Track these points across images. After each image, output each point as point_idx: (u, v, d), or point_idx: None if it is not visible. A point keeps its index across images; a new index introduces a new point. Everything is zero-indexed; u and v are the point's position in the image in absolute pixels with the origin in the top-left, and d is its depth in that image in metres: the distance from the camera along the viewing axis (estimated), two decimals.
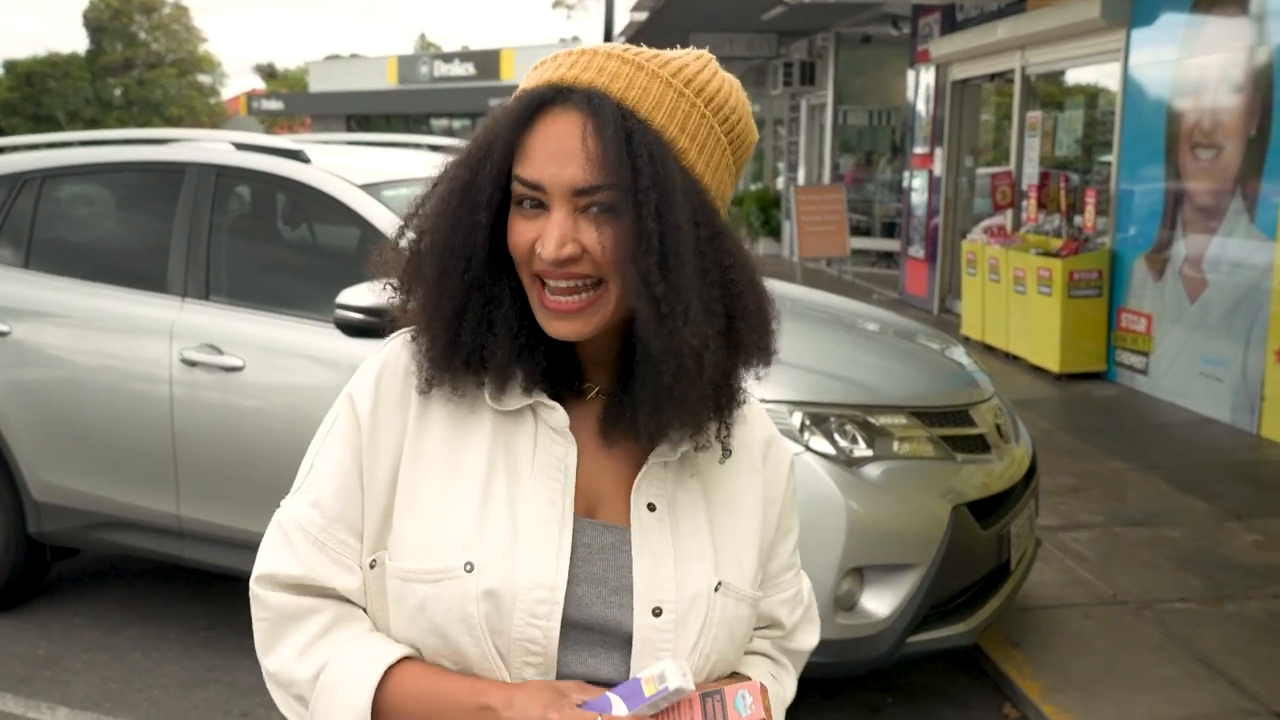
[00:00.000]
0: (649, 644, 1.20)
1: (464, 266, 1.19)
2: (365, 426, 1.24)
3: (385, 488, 1.23)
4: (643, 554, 1.22)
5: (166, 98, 57.10)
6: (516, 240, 1.18)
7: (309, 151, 4.27)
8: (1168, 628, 4.31)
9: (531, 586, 1.17)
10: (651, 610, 1.20)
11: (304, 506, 1.26)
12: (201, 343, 4.03)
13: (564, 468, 1.23)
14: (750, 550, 1.30)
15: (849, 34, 15.78)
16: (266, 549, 1.27)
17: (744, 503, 1.32)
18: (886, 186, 16.60)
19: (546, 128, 1.16)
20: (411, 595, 1.19)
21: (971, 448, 3.78)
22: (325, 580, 1.23)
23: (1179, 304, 7.95)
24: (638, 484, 1.24)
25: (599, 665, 1.21)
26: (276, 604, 1.24)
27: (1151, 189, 8.34)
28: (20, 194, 4.60)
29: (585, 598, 1.20)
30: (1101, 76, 9.69)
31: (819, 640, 1.51)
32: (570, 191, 1.15)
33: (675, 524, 1.25)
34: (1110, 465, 6.45)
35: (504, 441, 1.23)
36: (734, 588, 1.26)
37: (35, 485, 4.36)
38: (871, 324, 4.74)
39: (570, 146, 1.14)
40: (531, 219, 1.17)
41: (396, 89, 40.54)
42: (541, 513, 1.20)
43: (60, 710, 3.89)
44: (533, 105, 1.17)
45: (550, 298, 1.18)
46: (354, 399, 1.26)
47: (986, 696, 4.02)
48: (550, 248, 1.14)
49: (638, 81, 1.18)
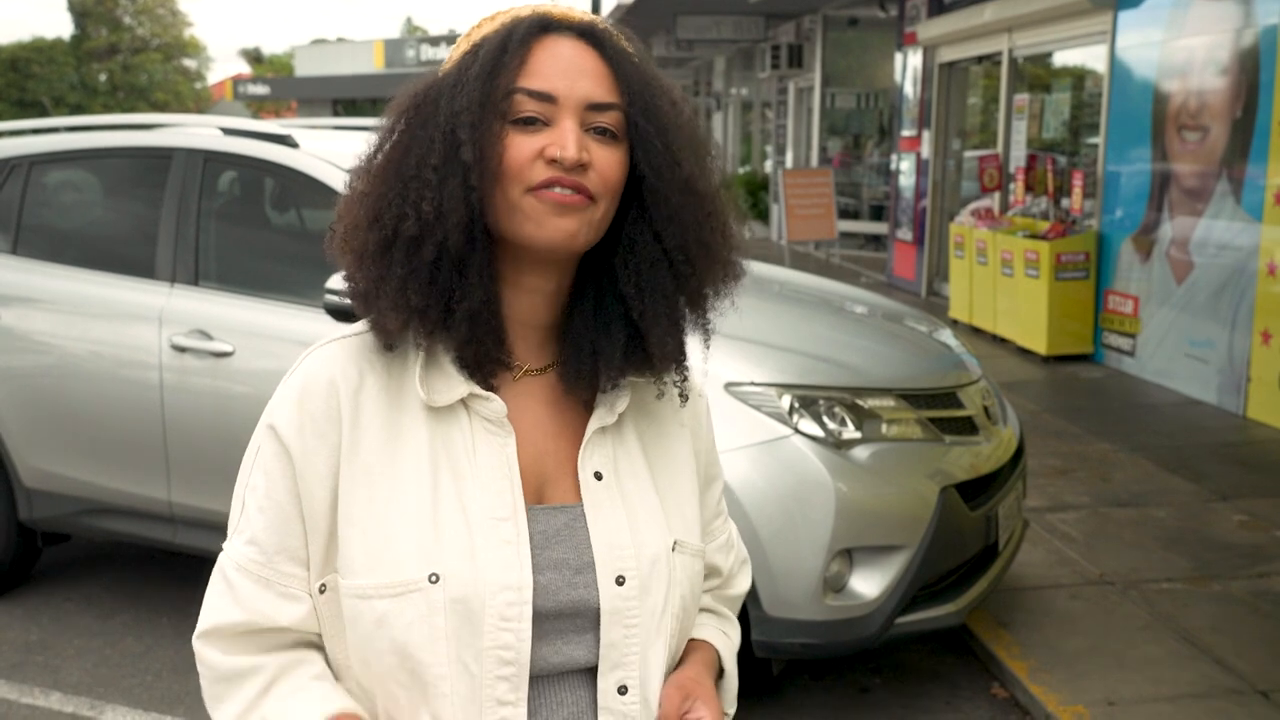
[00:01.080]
0: (617, 614, 1.20)
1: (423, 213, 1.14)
2: (295, 452, 1.18)
3: (325, 510, 1.18)
4: (597, 524, 1.22)
5: (152, 83, 56.76)
6: (515, 151, 1.14)
7: (297, 136, 4.26)
8: (1154, 607, 4.35)
9: (499, 590, 1.15)
10: (615, 579, 1.20)
11: (241, 546, 1.21)
12: (191, 328, 4.03)
13: (506, 459, 1.20)
14: (692, 504, 1.32)
15: (836, 16, 15.77)
16: (209, 601, 1.23)
17: (679, 458, 1.33)
18: (874, 169, 16.61)
19: (551, 48, 1.17)
20: (369, 612, 1.15)
21: (959, 429, 3.80)
22: (271, 619, 1.19)
23: (1166, 286, 7.99)
24: (582, 454, 1.24)
25: (573, 650, 1.20)
26: (215, 664, 1.21)
27: (1138, 171, 8.37)
28: (8, 180, 4.58)
29: (551, 585, 1.18)
30: (1089, 59, 9.71)
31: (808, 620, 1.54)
32: (583, 105, 1.16)
33: (623, 489, 1.25)
34: (1097, 446, 6.48)
35: (441, 440, 1.19)
36: (687, 544, 1.28)
37: (26, 472, 4.36)
38: (859, 307, 4.75)
39: (581, 65, 1.17)
40: (531, 134, 1.15)
41: (383, 73, 40.33)
42: (494, 510, 1.17)
43: (53, 695, 3.90)
44: (535, 25, 1.18)
45: (553, 192, 1.14)
46: (275, 428, 1.19)
47: (974, 676, 4.05)
48: (571, 149, 1.13)
49: (613, 29, 1.24)
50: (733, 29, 17.11)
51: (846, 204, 15.99)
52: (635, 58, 1.21)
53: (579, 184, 1.15)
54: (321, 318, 3.72)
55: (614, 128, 1.17)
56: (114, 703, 3.84)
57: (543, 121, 1.16)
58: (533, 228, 1.15)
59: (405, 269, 1.14)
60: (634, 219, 1.21)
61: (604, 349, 1.23)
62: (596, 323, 1.24)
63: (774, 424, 3.43)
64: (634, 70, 1.19)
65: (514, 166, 1.15)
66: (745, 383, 3.49)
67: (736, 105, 22.38)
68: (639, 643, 1.21)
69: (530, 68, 1.16)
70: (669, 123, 1.20)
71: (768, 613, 3.37)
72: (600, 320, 1.24)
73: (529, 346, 1.26)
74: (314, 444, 1.18)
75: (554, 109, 1.15)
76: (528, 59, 1.16)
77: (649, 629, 1.22)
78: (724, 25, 17.00)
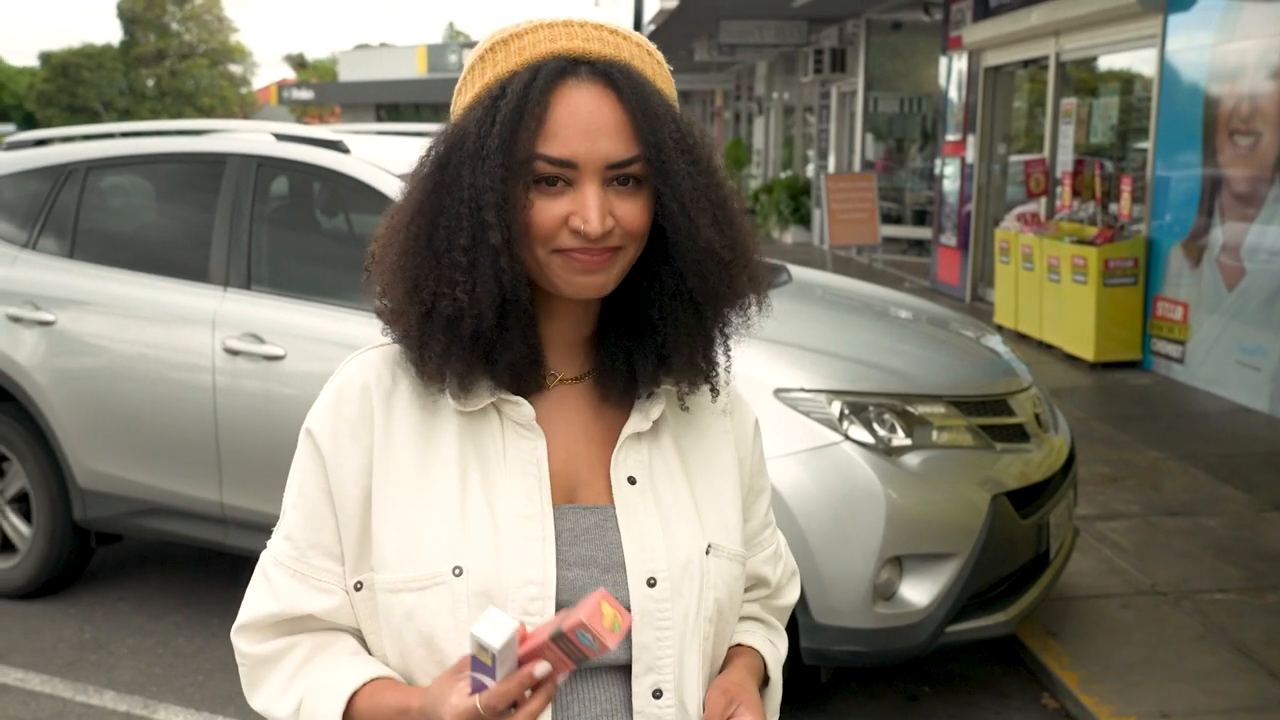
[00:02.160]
0: (647, 616, 1.20)
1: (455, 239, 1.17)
2: (327, 453, 1.23)
3: (359, 510, 1.22)
4: (629, 527, 1.23)
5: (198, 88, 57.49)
6: (542, 218, 1.16)
7: (348, 142, 4.30)
8: (1207, 618, 4.30)
9: (522, 584, 1.17)
10: (646, 581, 1.21)
11: (279, 542, 1.27)
12: (244, 332, 4.07)
13: (535, 460, 1.22)
14: (732, 510, 1.32)
15: (880, 20, 15.70)
16: (248, 595, 1.29)
17: (720, 462, 1.33)
18: (918, 174, 16.52)
19: (570, 102, 1.15)
20: (399, 605, 1.19)
21: (1010, 437, 3.77)
22: (303, 608, 1.24)
23: (1216, 292, 7.89)
24: (615, 458, 1.25)
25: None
26: (251, 651, 1.27)
27: (1188, 176, 8.27)
28: (65, 185, 4.65)
29: (577, 581, 1.20)
30: (1137, 62, 9.61)
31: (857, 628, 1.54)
32: (603, 166, 1.15)
33: (657, 493, 1.26)
34: (1147, 455, 6.41)
35: (472, 441, 1.23)
36: (724, 548, 1.28)
37: (81, 473, 4.42)
38: (905, 312, 4.73)
39: (600, 120, 1.15)
40: (554, 196, 1.16)
41: (426, 78, 40.64)
42: (520, 508, 1.20)
43: (107, 694, 3.95)
44: (554, 75, 1.16)
45: (579, 256, 1.17)
46: (311, 431, 1.25)
47: (1024, 686, 4.02)
48: (595, 222, 1.14)
49: (633, 52, 1.21)
50: (775, 33, 17.07)
51: (889, 209, 15.90)
52: (655, 99, 1.18)
53: (605, 248, 1.17)
54: (371, 321, 3.72)
55: (637, 175, 1.18)
56: (166, 702, 3.89)
57: (565, 182, 1.16)
58: (560, 283, 1.19)
59: (447, 339, 1.18)
60: (658, 257, 1.22)
61: (638, 359, 1.26)
62: (630, 334, 1.26)
63: (824, 430, 3.42)
64: (653, 120, 1.17)
65: (540, 233, 1.17)
66: (795, 389, 3.48)
67: (778, 109, 22.33)
68: (673, 646, 1.22)
69: (549, 129, 1.14)
70: (683, 176, 1.18)
71: (816, 620, 3.36)
72: (634, 332, 1.26)
73: (565, 357, 1.28)
74: (347, 444, 1.22)
75: (575, 173, 1.15)
76: (546, 119, 1.14)
77: (683, 632, 1.22)
78: (767, 30, 16.97)
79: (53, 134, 5.10)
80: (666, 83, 1.24)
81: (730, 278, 1.22)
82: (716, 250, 1.20)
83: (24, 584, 4.64)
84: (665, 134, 1.17)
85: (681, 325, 1.23)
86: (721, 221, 1.21)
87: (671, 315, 1.22)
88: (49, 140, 5.04)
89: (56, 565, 4.62)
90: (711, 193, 1.21)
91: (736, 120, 27.11)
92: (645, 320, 1.24)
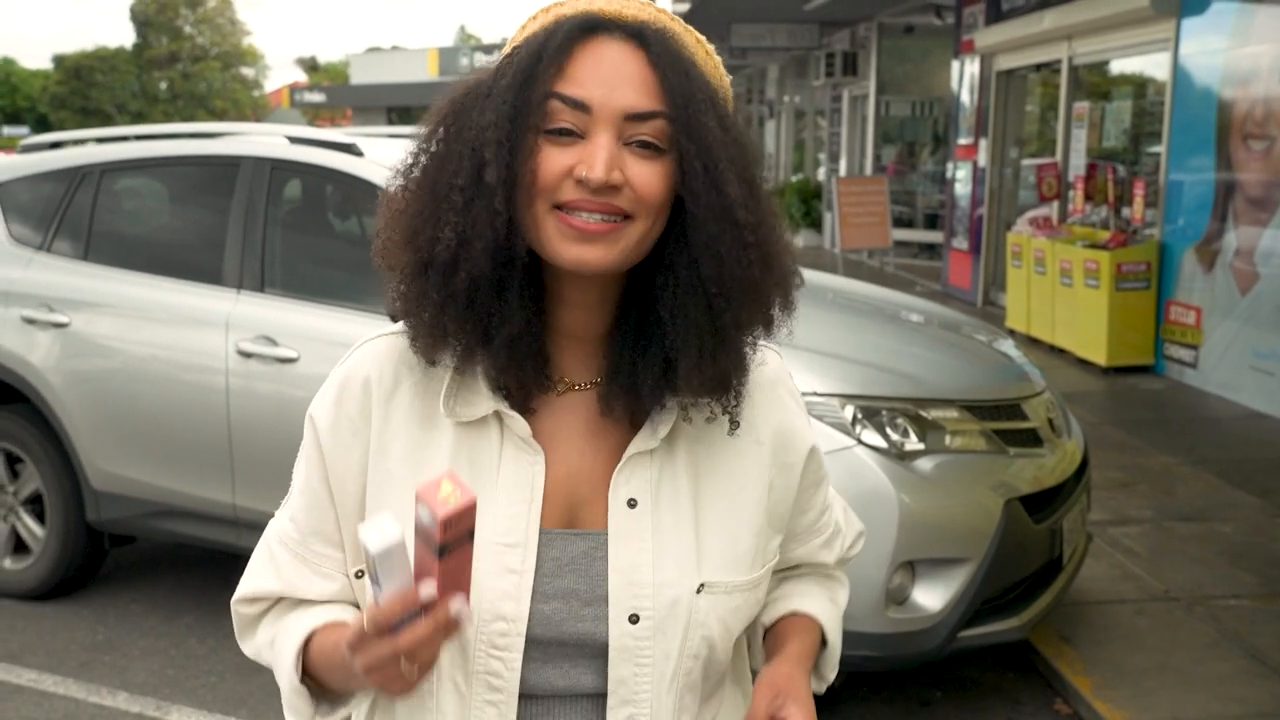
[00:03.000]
0: (626, 652, 1.16)
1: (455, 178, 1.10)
2: (327, 448, 1.21)
3: (355, 504, 1.21)
4: (619, 558, 1.16)
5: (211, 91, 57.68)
6: (547, 167, 1.08)
7: (361, 144, 4.31)
8: (1221, 624, 4.28)
9: (492, 619, 1.13)
10: (628, 618, 1.15)
11: (285, 521, 1.27)
12: (257, 334, 4.08)
13: (530, 482, 1.16)
14: (749, 532, 1.22)
15: (892, 24, 15.69)
16: (252, 566, 1.29)
17: (742, 479, 1.23)
18: (929, 178, 16.50)
19: (595, 51, 1.09)
20: None
21: (1023, 441, 3.76)
22: (304, 592, 1.24)
23: (1229, 296, 7.86)
24: (616, 478, 1.17)
25: (580, 675, 1.18)
26: (248, 612, 1.29)
27: (1201, 180, 8.24)
28: (80, 187, 4.67)
29: (554, 615, 1.15)
30: (1150, 66, 9.58)
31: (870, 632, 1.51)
32: (620, 116, 1.08)
33: (657, 519, 1.18)
34: (1160, 460, 6.39)
35: (466, 455, 1.17)
36: (721, 584, 1.19)
37: (94, 474, 4.43)
38: (917, 316, 4.73)
39: (624, 71, 1.09)
40: (564, 146, 1.09)
41: (437, 81, 40.65)
42: (505, 535, 1.15)
43: (120, 695, 3.96)
44: (580, 26, 1.10)
45: (575, 217, 1.08)
46: (314, 420, 1.22)
47: (1037, 692, 4.00)
48: (599, 169, 1.06)
49: (675, 28, 1.15)
50: (787, 37, 17.07)
51: (900, 212, 15.88)
52: (689, 63, 1.12)
53: (608, 206, 1.08)
54: (385, 324, 3.75)
55: (658, 139, 1.09)
56: (179, 703, 3.90)
57: (577, 133, 1.09)
58: (554, 250, 1.11)
59: (441, 294, 1.11)
60: (675, 240, 1.13)
61: (641, 367, 1.16)
62: (637, 340, 1.16)
63: (836, 435, 3.42)
64: (683, 78, 1.10)
65: (543, 183, 1.09)
66: (808, 393, 3.47)
67: (790, 113, 22.32)
68: (650, 681, 1.17)
69: (568, 73, 1.08)
70: (713, 141, 1.10)
71: None
72: (642, 338, 1.16)
73: (576, 360, 1.21)
74: (348, 440, 1.20)
75: (589, 120, 1.08)
76: (566, 64, 1.09)
77: (663, 670, 1.17)
78: (778, 33, 16.97)
79: (68, 137, 5.12)
80: (714, 69, 1.18)
81: (750, 262, 1.12)
82: (739, 222, 1.10)
83: (38, 585, 4.66)
84: (695, 90, 1.10)
85: (691, 322, 1.11)
86: (750, 196, 1.12)
87: (681, 310, 1.12)
88: (64, 143, 5.06)
89: (70, 566, 4.63)
90: (741, 166, 1.12)
91: (748, 123, 27.11)
92: (655, 322, 1.14)
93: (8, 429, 4.65)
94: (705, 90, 1.12)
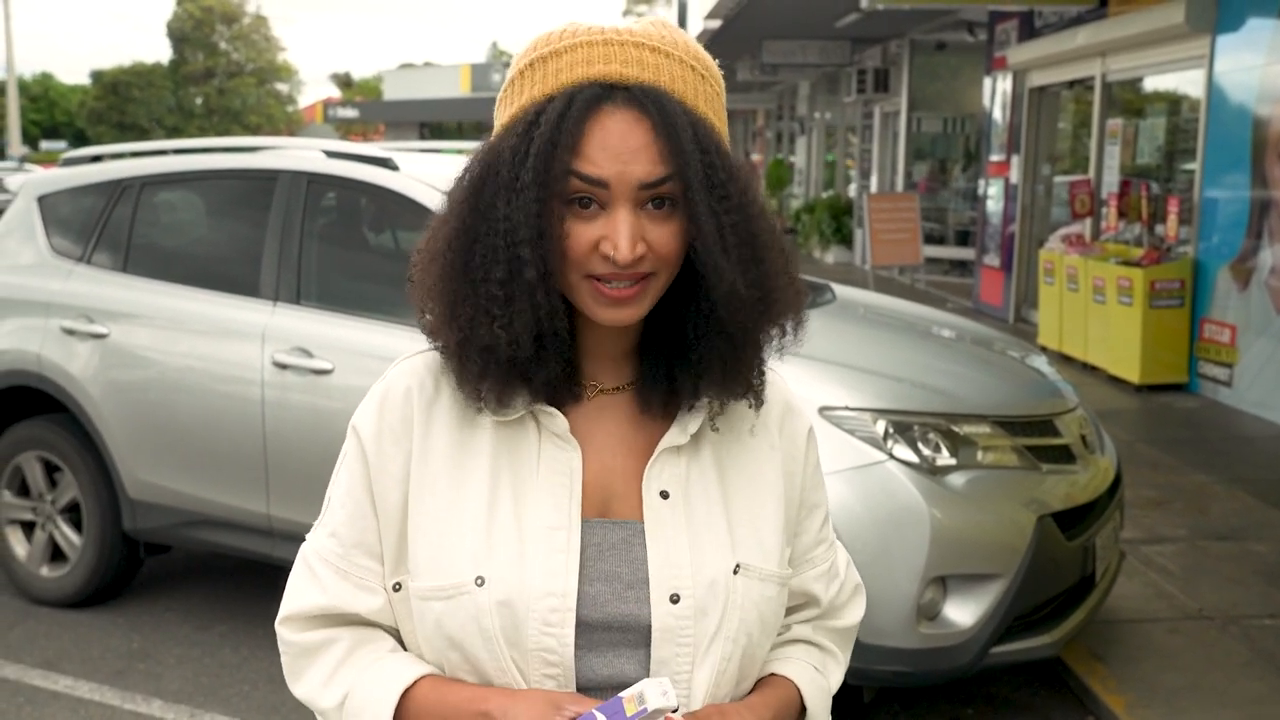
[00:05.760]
0: (668, 632, 1.21)
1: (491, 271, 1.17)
2: (371, 456, 1.26)
3: (398, 513, 1.25)
4: (656, 543, 1.23)
5: (245, 106, 58.22)
6: (575, 242, 1.16)
7: (397, 159, 4.35)
8: (1255, 644, 4.24)
9: (543, 595, 1.19)
10: (669, 598, 1.21)
11: (324, 538, 1.30)
12: (292, 346, 4.12)
13: (569, 471, 1.23)
14: (772, 528, 1.30)
15: (924, 40, 15.67)
16: (292, 586, 1.31)
17: (762, 479, 1.31)
18: (960, 194, 16.45)
19: (604, 125, 1.15)
20: (429, 613, 1.22)
21: (1056, 458, 3.75)
22: (349, 606, 1.27)
23: (1265, 314, 7.79)
24: (648, 472, 1.25)
25: (623, 664, 1.22)
26: (295, 640, 1.29)
27: (1236, 197, 8.19)
28: (120, 200, 4.74)
29: (599, 596, 1.21)
30: (1184, 83, 9.53)
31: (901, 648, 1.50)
32: (635, 187, 1.15)
33: (689, 509, 1.25)
34: (1194, 478, 6.34)
35: (507, 451, 1.24)
36: (755, 568, 1.26)
37: (131, 483, 4.49)
38: (949, 331, 4.72)
39: (634, 143, 1.15)
40: (587, 220, 1.16)
41: (469, 97, 40.95)
42: (548, 519, 1.21)
43: (154, 702, 3.99)
44: (588, 103, 1.15)
45: (608, 287, 1.17)
46: (358, 430, 1.28)
47: (1069, 710, 3.98)
48: (625, 249, 1.14)
49: (674, 72, 1.19)
50: (819, 53, 17.06)
51: (932, 229, 15.84)
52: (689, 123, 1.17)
53: (635, 274, 1.17)
54: (417, 337, 3.78)
55: (671, 196, 1.17)
56: (213, 711, 3.93)
57: (598, 204, 1.16)
58: (591, 313, 1.20)
59: (483, 363, 1.19)
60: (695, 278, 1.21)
61: (678, 373, 1.25)
62: (672, 348, 1.25)
63: (868, 449, 3.42)
64: (684, 143, 1.15)
65: (573, 258, 1.17)
66: (840, 407, 3.48)
67: (820, 129, 22.32)
68: (690, 663, 1.21)
69: (583, 151, 1.15)
70: (707, 220, 1.16)
71: (860, 639, 3.34)
72: (675, 346, 1.25)
73: (606, 367, 1.29)
74: (390, 450, 1.25)
75: (607, 194, 1.15)
76: (579, 144, 1.15)
77: (703, 653, 1.22)
78: (810, 50, 16.97)
79: (108, 151, 5.19)
80: (711, 100, 1.22)
81: (758, 315, 1.22)
82: (741, 292, 1.18)
83: (74, 593, 4.71)
84: (693, 167, 1.15)
85: (714, 349, 1.22)
86: (749, 260, 1.20)
87: (705, 337, 1.22)
88: (104, 157, 5.14)
89: (106, 575, 4.68)
90: (740, 229, 1.19)
91: (779, 140, 27.11)
92: (683, 337, 1.24)
93: (46, 438, 4.71)
94: (705, 152, 1.17)
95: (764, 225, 1.22)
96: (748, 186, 1.21)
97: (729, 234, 1.18)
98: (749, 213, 1.20)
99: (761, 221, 1.22)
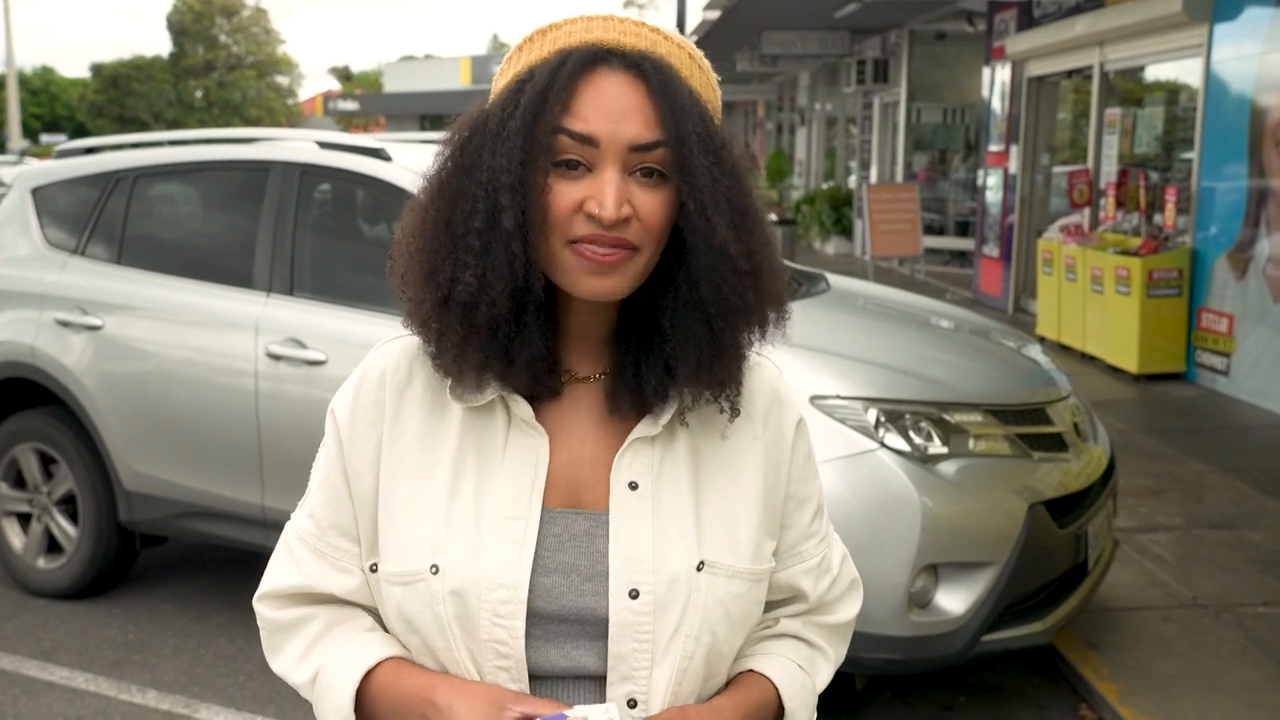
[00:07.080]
0: (626, 628, 1.18)
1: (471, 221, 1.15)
2: (345, 439, 1.27)
3: (370, 495, 1.26)
4: (619, 536, 1.20)
5: (245, 99, 58.14)
6: (558, 199, 1.14)
7: (390, 149, 4.35)
8: (1250, 632, 4.25)
9: (494, 586, 1.17)
10: (628, 593, 1.18)
11: (303, 519, 1.32)
12: (286, 337, 4.13)
13: (534, 460, 1.22)
14: (747, 522, 1.26)
15: (923, 31, 15.64)
16: (271, 565, 1.34)
17: (740, 471, 1.27)
18: (960, 185, 16.43)
19: (597, 85, 1.14)
20: (391, 597, 1.23)
21: (1048, 446, 3.75)
22: (323, 586, 1.28)
23: (1262, 304, 7.79)
24: (618, 461, 1.22)
25: (581, 656, 1.21)
26: (272, 617, 1.32)
27: (1234, 187, 8.18)
28: (113, 192, 4.74)
29: (555, 589, 1.19)
30: (1182, 72, 9.52)
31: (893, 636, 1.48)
32: (626, 149, 1.13)
33: (658, 501, 1.22)
34: (1190, 467, 6.34)
35: (474, 437, 1.23)
36: (722, 565, 1.22)
37: (126, 475, 4.49)
38: (945, 321, 4.72)
39: (627, 104, 1.14)
40: (573, 180, 1.14)
41: (470, 89, 40.87)
42: (507, 509, 1.20)
43: (150, 692, 4.01)
44: (584, 60, 1.14)
45: (591, 249, 1.14)
46: (334, 413, 1.29)
47: (1062, 698, 3.99)
48: (610, 206, 1.12)
49: (673, 51, 1.20)
50: (818, 44, 17.03)
51: (931, 219, 15.83)
52: (686, 94, 1.17)
53: (619, 239, 1.14)
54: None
55: (661, 166, 1.15)
56: (208, 701, 3.94)
57: (585, 166, 1.14)
58: (570, 282, 1.17)
59: (464, 328, 1.17)
60: (675, 258, 1.19)
61: (644, 368, 1.22)
62: (640, 341, 1.23)
63: (859, 438, 3.42)
64: (680, 112, 1.15)
65: (555, 218, 1.14)
66: (831, 396, 3.48)
67: (821, 120, 22.30)
68: (649, 659, 1.19)
69: (574, 108, 1.13)
70: (707, 180, 1.15)
71: None
72: (645, 339, 1.23)
73: (580, 355, 1.27)
74: (364, 432, 1.26)
75: (596, 153, 1.13)
76: (571, 100, 1.13)
77: (662, 649, 1.19)
78: (809, 40, 16.93)
79: (102, 142, 5.19)
80: (705, 85, 1.22)
81: (744, 289, 1.18)
82: (731, 255, 1.16)
83: (70, 584, 4.72)
84: (690, 128, 1.15)
85: (690, 335, 1.18)
86: (740, 227, 1.18)
87: (682, 324, 1.18)
88: (98, 148, 5.14)
89: (102, 566, 4.69)
90: (733, 196, 1.18)
91: (779, 131, 27.10)
92: (656, 328, 1.21)
93: (42, 430, 4.72)
94: (700, 124, 1.17)
95: (755, 205, 1.21)
96: (739, 165, 1.20)
97: (722, 198, 1.16)
98: (742, 186, 1.19)
99: (752, 200, 1.21)
